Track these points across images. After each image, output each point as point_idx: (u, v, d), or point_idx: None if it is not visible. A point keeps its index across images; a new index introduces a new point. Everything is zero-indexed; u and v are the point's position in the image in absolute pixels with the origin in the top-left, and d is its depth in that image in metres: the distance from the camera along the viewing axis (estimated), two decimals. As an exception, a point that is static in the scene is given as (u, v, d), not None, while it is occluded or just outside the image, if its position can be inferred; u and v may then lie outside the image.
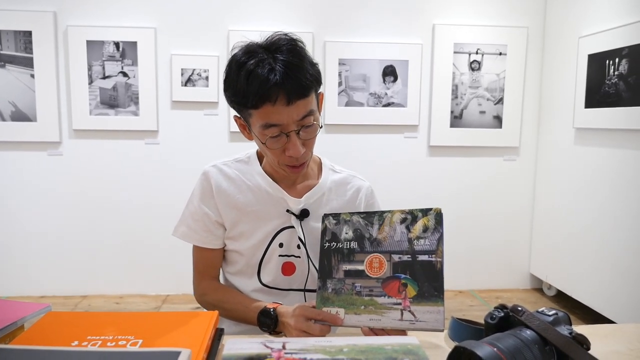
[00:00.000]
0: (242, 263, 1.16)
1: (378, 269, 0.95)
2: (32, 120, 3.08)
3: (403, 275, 0.92)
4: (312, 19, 3.21)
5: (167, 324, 0.85)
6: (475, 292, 3.42)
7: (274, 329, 1.01)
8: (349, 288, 0.95)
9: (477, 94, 3.30)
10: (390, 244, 0.96)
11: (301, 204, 1.13)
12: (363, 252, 0.97)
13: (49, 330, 0.82)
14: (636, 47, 2.44)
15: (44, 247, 3.20)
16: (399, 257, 0.94)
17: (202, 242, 1.16)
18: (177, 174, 3.16)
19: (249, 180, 1.15)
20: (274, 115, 0.98)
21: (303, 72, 0.98)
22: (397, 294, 0.91)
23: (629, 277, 2.50)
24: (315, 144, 1.08)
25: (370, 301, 0.93)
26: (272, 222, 1.13)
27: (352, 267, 0.96)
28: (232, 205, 1.13)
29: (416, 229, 0.95)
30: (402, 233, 0.95)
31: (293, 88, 0.96)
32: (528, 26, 3.29)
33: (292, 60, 0.97)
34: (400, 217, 0.97)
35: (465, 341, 0.71)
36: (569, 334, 0.75)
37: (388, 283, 0.93)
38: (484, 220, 3.43)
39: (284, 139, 1.01)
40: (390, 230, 0.96)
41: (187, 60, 3.13)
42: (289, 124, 0.99)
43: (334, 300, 0.95)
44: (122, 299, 3.21)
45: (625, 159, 2.54)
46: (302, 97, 0.98)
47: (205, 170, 1.17)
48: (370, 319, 0.91)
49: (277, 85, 0.95)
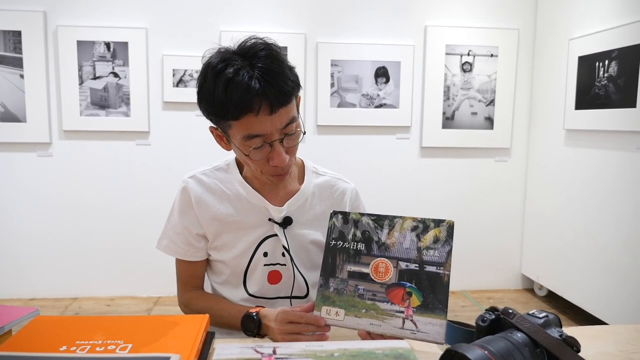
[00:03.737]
0: (227, 273, 1.15)
1: (384, 274, 0.93)
2: (21, 121, 3.05)
3: (408, 283, 0.91)
4: (305, 20, 3.20)
5: (157, 328, 0.84)
6: (467, 293, 3.43)
7: (258, 332, 1.00)
8: (352, 290, 0.94)
9: (469, 95, 3.31)
10: (399, 251, 0.94)
11: (283, 211, 1.11)
12: (370, 255, 0.95)
13: (37, 335, 0.81)
14: (625, 49, 2.46)
15: (33, 248, 3.17)
16: (406, 265, 0.93)
17: (184, 255, 1.15)
18: (168, 174, 3.14)
19: (229, 189, 1.13)
20: (257, 125, 0.93)
21: (284, 79, 0.93)
22: (401, 302, 0.90)
23: (619, 278, 2.52)
24: (298, 150, 1.06)
25: (373, 305, 0.92)
26: (254, 232, 1.12)
27: (357, 268, 0.95)
28: (213, 216, 1.11)
29: (427, 239, 0.93)
30: (412, 241, 0.94)
31: (275, 96, 0.92)
32: (519, 28, 3.31)
33: (271, 67, 0.92)
34: (412, 224, 0.95)
35: (457, 344, 0.71)
36: (559, 336, 0.76)
37: (392, 290, 0.92)
38: (475, 221, 3.44)
39: (267, 148, 0.97)
40: (399, 236, 0.95)
41: (179, 61, 3.11)
42: (272, 134, 0.95)
43: (335, 300, 0.94)
44: (113, 301, 3.19)
45: (615, 160, 2.56)
46: (284, 104, 0.94)
47: (184, 183, 1.14)
48: (371, 324, 0.90)
49: (259, 94, 0.90)
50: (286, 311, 0.96)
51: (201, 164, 1.19)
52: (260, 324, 1.00)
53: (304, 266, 1.14)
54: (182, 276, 1.19)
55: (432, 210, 3.39)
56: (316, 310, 0.94)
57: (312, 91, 3.22)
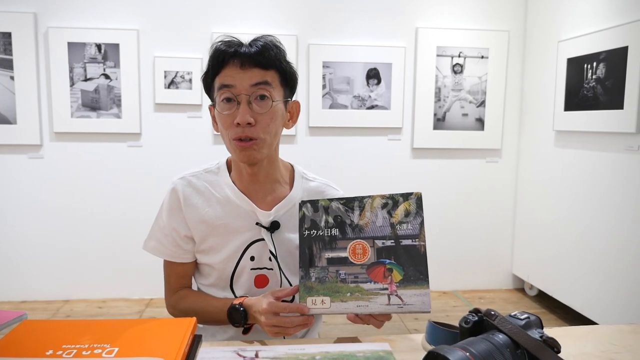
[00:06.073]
0: (214, 276, 1.15)
1: (362, 255, 0.95)
2: (12, 123, 3.04)
3: (388, 260, 0.93)
4: (296, 21, 3.21)
5: (144, 332, 0.85)
6: (459, 293, 3.45)
7: (246, 322, 1.01)
8: (333, 276, 0.95)
9: (460, 96, 3.33)
10: (373, 230, 0.95)
11: (271, 216, 1.11)
12: (345, 239, 0.96)
13: (24, 340, 0.82)
14: (613, 51, 2.48)
15: (24, 251, 3.16)
16: (382, 243, 0.94)
17: (172, 256, 1.15)
18: (159, 176, 3.13)
19: (218, 192, 1.13)
20: (228, 77, 1.02)
21: (267, 48, 1.03)
22: (383, 279, 0.92)
23: (608, 277, 2.55)
24: (272, 130, 1.05)
25: (356, 288, 0.93)
26: (242, 236, 1.12)
27: (335, 254, 0.96)
28: (201, 219, 1.12)
29: (398, 214, 0.95)
30: (384, 218, 0.95)
31: (249, 55, 1.02)
32: (509, 30, 3.34)
33: (259, 39, 1.05)
34: (381, 202, 0.96)
35: (439, 346, 0.72)
36: (540, 337, 0.77)
37: (373, 269, 0.93)
38: (466, 221, 3.46)
39: (235, 105, 1.03)
40: (371, 215, 0.96)
41: (170, 63, 3.11)
42: (240, 88, 1.02)
43: (319, 289, 0.94)
44: (104, 303, 3.18)
45: (604, 161, 2.59)
46: (257, 65, 1.02)
47: (173, 185, 1.14)
48: (358, 306, 0.92)
49: (235, 51, 1.02)
50: (271, 303, 0.96)
51: (192, 165, 1.19)
52: (247, 314, 1.01)
53: (290, 271, 1.14)
54: (170, 279, 1.19)
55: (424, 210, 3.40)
56: (301, 302, 0.95)
57: (304, 93, 3.23)
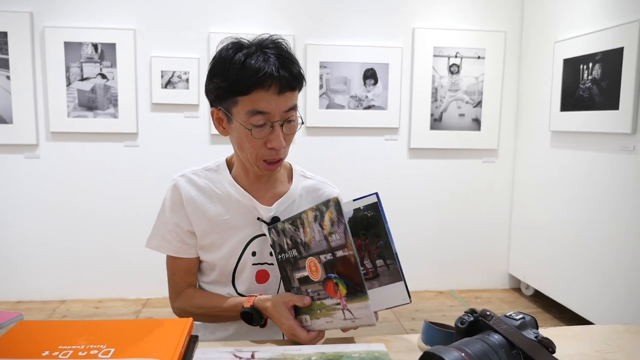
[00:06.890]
0: (216, 273, 1.16)
1: (316, 272, 0.92)
2: (8, 122, 3.03)
3: (333, 274, 0.89)
4: (293, 21, 3.21)
5: (140, 332, 0.85)
6: (455, 293, 3.46)
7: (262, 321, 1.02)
8: (306, 295, 0.96)
9: (456, 97, 3.34)
10: (315, 245, 0.91)
11: (272, 211, 1.12)
12: (302, 258, 0.95)
13: (20, 341, 0.81)
14: (608, 52, 2.50)
15: (20, 251, 3.15)
16: (324, 257, 0.90)
17: (177, 252, 1.15)
18: (156, 176, 3.13)
19: (219, 189, 1.14)
20: (264, 102, 0.99)
21: (295, 66, 1.02)
22: (334, 294, 0.89)
23: (604, 277, 2.56)
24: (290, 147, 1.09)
25: (322, 305, 0.92)
26: (243, 231, 1.13)
27: (300, 274, 0.95)
28: (203, 215, 1.13)
29: (326, 225, 0.88)
30: (319, 232, 0.90)
31: (286, 79, 0.99)
32: (505, 31, 3.35)
33: (283, 54, 1.01)
34: (313, 215, 0.91)
35: (434, 346, 0.72)
36: (535, 337, 0.77)
37: (326, 284, 0.91)
38: (463, 221, 3.47)
39: (268, 129, 1.01)
40: (310, 231, 0.92)
41: (167, 62, 3.11)
42: (276, 114, 1.00)
43: (300, 309, 0.96)
44: (101, 303, 3.17)
45: (599, 161, 2.60)
46: (292, 89, 1.02)
47: (175, 181, 1.15)
48: (327, 322, 0.92)
49: (272, 73, 0.98)
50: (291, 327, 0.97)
51: (190, 165, 1.19)
52: (261, 315, 1.02)
53: None
54: (174, 276, 1.18)
55: (420, 210, 3.42)
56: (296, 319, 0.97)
57: (301, 93, 3.22)
